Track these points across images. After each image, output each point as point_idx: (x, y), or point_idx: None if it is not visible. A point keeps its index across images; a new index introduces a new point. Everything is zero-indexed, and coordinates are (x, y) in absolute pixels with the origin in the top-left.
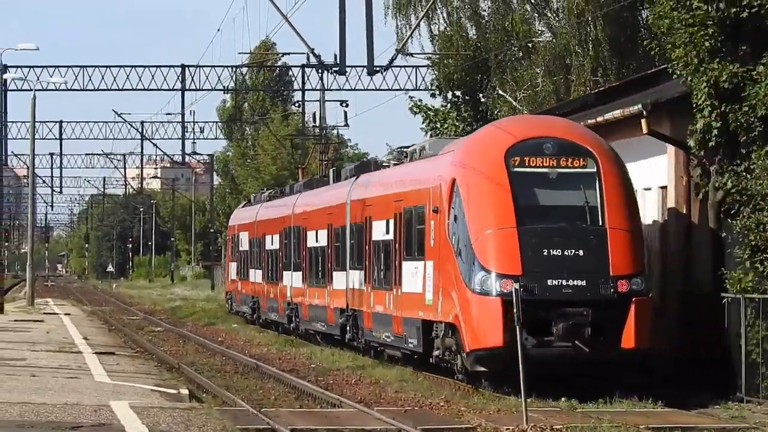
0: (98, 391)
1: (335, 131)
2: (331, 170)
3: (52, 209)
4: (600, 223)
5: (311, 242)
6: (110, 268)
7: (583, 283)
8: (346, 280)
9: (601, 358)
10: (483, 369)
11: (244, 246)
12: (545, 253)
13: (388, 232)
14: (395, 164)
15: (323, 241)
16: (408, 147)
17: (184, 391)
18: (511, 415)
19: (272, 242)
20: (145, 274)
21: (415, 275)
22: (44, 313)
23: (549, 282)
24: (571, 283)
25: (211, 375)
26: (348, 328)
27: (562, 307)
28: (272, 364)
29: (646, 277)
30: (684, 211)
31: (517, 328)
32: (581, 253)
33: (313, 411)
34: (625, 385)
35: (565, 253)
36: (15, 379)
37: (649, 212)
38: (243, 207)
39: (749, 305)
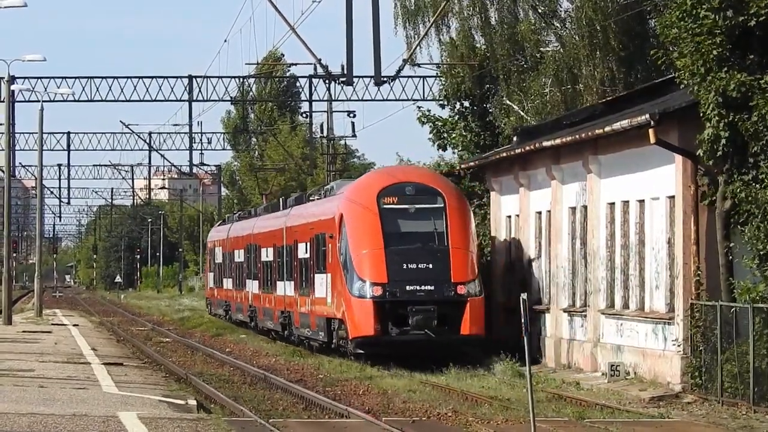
0: (106, 402)
1: (343, 142)
2: (281, 198)
3: (60, 220)
4: (445, 244)
5: (264, 257)
6: (118, 279)
7: (432, 287)
8: (284, 288)
9: (445, 342)
10: (361, 351)
11: (219, 259)
12: (405, 267)
13: (307, 252)
14: (317, 199)
15: (271, 257)
16: (326, 185)
17: (193, 402)
18: (519, 426)
19: (239, 256)
20: (153, 285)
21: (322, 284)
22: (52, 324)
23: (407, 287)
24: (423, 288)
25: (219, 385)
26: (285, 326)
27: (416, 305)
28: (280, 375)
29: (479, 283)
30: (692, 221)
31: (525, 338)
32: (431, 266)
33: (321, 421)
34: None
35: (419, 266)
36: (23, 390)
37: (657, 222)
38: (219, 225)
39: (757, 315)
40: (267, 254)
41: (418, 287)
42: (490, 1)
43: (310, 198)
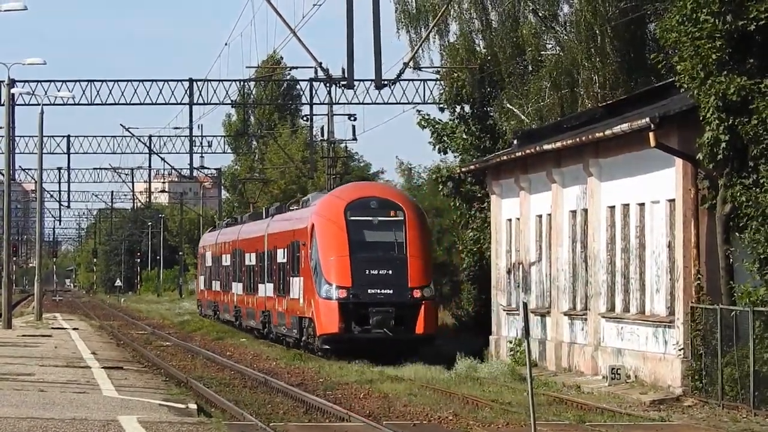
0: (106, 406)
1: (344, 145)
2: (264, 207)
3: (60, 224)
4: (404, 253)
5: (248, 262)
6: (118, 283)
7: (391, 291)
8: (265, 290)
9: (401, 340)
10: (327, 347)
11: (209, 263)
12: (367, 272)
13: (284, 258)
14: (295, 209)
15: (254, 261)
16: (304, 197)
17: (193, 406)
18: (519, 429)
19: (226, 260)
20: (153, 289)
21: (296, 287)
22: (52, 328)
23: (369, 291)
24: (383, 291)
25: (219, 389)
26: (265, 324)
27: (377, 307)
28: (281, 378)
29: (433, 288)
30: (692, 224)
31: (526, 341)
32: (390, 272)
33: (322, 425)
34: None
35: (380, 272)
36: (23, 395)
37: (657, 225)
38: (209, 232)
39: (758, 318)
40: (250, 259)
41: (378, 291)
42: (491, 5)
43: (290, 208)
